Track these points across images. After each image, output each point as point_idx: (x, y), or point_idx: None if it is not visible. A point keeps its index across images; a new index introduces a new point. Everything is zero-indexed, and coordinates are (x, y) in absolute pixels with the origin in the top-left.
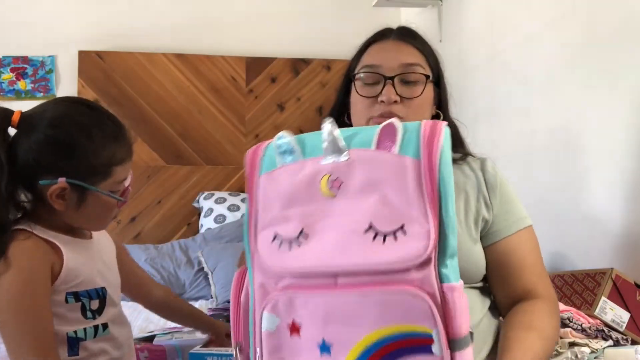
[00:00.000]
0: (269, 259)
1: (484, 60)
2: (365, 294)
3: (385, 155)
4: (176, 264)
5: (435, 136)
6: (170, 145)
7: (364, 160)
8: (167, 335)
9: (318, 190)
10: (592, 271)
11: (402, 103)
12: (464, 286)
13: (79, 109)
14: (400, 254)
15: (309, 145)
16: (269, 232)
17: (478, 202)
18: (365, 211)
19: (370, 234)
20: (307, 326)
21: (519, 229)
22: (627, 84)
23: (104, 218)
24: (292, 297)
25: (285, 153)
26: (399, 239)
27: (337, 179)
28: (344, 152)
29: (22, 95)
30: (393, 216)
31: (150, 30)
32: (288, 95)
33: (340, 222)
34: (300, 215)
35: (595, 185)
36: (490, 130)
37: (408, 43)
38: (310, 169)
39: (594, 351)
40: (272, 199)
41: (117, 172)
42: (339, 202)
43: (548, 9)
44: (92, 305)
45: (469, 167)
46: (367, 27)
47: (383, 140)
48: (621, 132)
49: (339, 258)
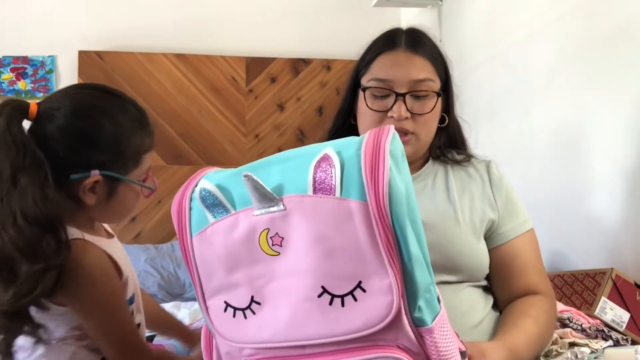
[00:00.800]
0: (226, 330)
1: (484, 60)
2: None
3: (325, 201)
4: (176, 264)
5: (379, 164)
6: (170, 145)
7: (302, 210)
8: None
9: (259, 250)
10: (592, 271)
11: (413, 118)
12: (469, 285)
13: (100, 96)
14: (364, 318)
15: (236, 194)
16: (218, 300)
17: (483, 202)
18: (313, 273)
19: (325, 298)
20: None
21: (522, 232)
22: (627, 83)
23: (130, 208)
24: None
25: (212, 206)
26: (358, 300)
27: (277, 235)
28: (277, 202)
29: (22, 95)
30: (347, 274)
31: (150, 30)
32: (288, 95)
33: (290, 289)
34: (246, 280)
35: (595, 185)
36: (490, 130)
37: (418, 54)
38: (244, 225)
39: (594, 351)
40: (212, 264)
41: (146, 160)
42: (283, 263)
43: (548, 9)
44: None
45: (474, 168)
46: (367, 27)
47: (320, 182)
48: (621, 132)
49: (299, 332)
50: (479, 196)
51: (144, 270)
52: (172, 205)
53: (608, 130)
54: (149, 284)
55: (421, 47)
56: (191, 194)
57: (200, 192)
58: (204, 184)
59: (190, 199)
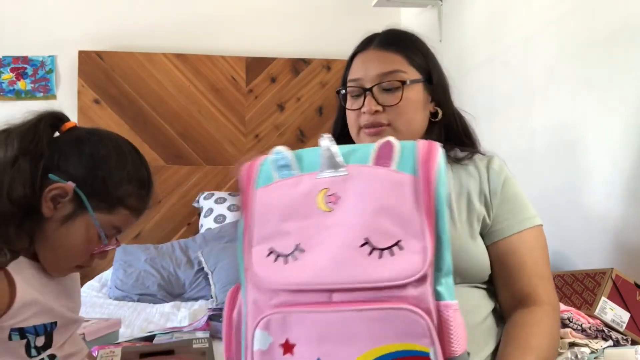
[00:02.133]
0: (263, 273)
1: (484, 60)
2: (362, 311)
3: (382, 171)
4: (176, 264)
5: (431, 155)
6: (170, 145)
7: (361, 175)
8: (167, 335)
9: (315, 205)
10: (592, 271)
11: (386, 111)
12: (469, 285)
13: (126, 143)
14: (396, 270)
15: (307, 161)
16: (263, 247)
17: (480, 201)
18: (361, 226)
19: (366, 249)
20: (301, 345)
21: (522, 229)
22: (627, 83)
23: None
24: (286, 315)
25: (282, 167)
26: (395, 255)
27: (334, 194)
28: (342, 168)
29: (22, 95)
30: (390, 231)
31: (150, 30)
32: (288, 95)
33: (336, 237)
34: (297, 229)
35: (595, 185)
36: (490, 130)
37: (388, 50)
38: (307, 184)
39: (594, 351)
40: (267, 214)
41: (121, 214)
42: (335, 217)
43: (548, 9)
44: (38, 342)
45: (474, 165)
46: (367, 27)
47: (380, 157)
48: (621, 131)
49: (334, 274)
50: (476, 194)
51: (144, 270)
52: (242, 167)
53: (608, 130)
54: (149, 284)
55: (393, 43)
56: (262, 160)
57: (275, 154)
58: (279, 149)
59: (261, 164)
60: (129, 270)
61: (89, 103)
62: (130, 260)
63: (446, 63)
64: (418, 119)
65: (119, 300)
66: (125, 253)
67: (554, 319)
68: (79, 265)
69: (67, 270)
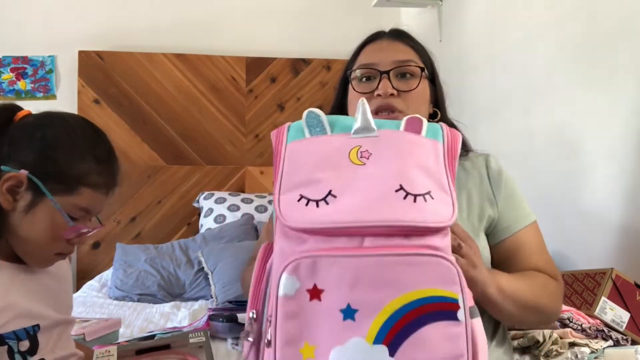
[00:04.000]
0: (293, 215)
1: (484, 60)
2: (394, 256)
3: (413, 135)
4: (176, 264)
5: (454, 134)
6: (170, 145)
7: (393, 136)
8: (167, 335)
9: (347, 159)
10: (592, 271)
11: (400, 96)
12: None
13: (79, 121)
14: (430, 213)
15: (338, 125)
16: (294, 193)
17: (481, 198)
18: (395, 175)
19: (401, 193)
20: (331, 291)
21: (525, 225)
22: (626, 83)
23: (45, 242)
24: (316, 260)
25: (313, 126)
26: (427, 201)
27: (367, 151)
28: (374, 130)
29: (22, 95)
30: (422, 182)
31: (150, 30)
32: (288, 95)
33: (370, 184)
34: (329, 177)
35: (595, 185)
36: (490, 130)
37: (401, 41)
38: (340, 141)
39: (594, 351)
40: (299, 164)
41: (84, 194)
42: (368, 169)
43: (548, 9)
44: (21, 347)
45: (471, 162)
46: (367, 27)
47: (410, 127)
48: (621, 131)
49: (368, 214)
50: (477, 193)
51: (143, 270)
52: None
53: (608, 130)
54: (149, 283)
55: (404, 37)
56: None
57: (306, 114)
58: (312, 110)
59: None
60: (129, 270)
61: (88, 103)
62: (130, 260)
63: (446, 63)
64: (424, 112)
65: (119, 300)
66: (125, 253)
67: (559, 287)
68: (59, 253)
69: (48, 260)
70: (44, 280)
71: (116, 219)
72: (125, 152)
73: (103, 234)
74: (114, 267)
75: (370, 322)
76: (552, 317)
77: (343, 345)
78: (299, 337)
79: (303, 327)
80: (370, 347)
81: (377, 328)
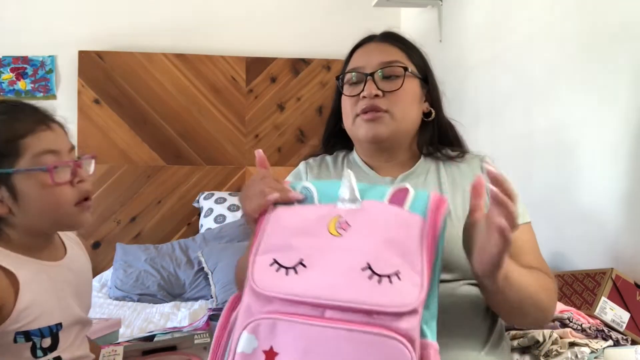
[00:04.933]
0: (262, 279)
1: (484, 60)
2: (352, 332)
3: (395, 208)
4: (176, 264)
5: (441, 204)
6: (170, 145)
7: (375, 209)
8: (167, 335)
9: (325, 229)
10: (592, 271)
11: (385, 97)
12: (465, 283)
13: None
14: (393, 297)
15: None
16: (268, 256)
17: None
18: (365, 251)
19: (366, 273)
20: (284, 355)
21: (519, 224)
22: (626, 84)
23: (48, 201)
24: (276, 322)
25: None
26: (393, 283)
27: (346, 222)
28: (358, 201)
29: (22, 95)
30: (391, 261)
31: (150, 30)
32: (288, 95)
33: (339, 259)
34: (303, 246)
35: (595, 185)
36: (490, 130)
37: (390, 43)
38: (325, 210)
39: (594, 351)
40: (281, 226)
41: (30, 144)
42: (342, 241)
43: (548, 9)
44: (44, 344)
45: (467, 164)
46: (367, 27)
47: (395, 198)
48: (621, 131)
49: (331, 291)
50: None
51: (143, 270)
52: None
53: (608, 130)
54: (149, 283)
55: (393, 38)
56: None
57: (301, 188)
58: (306, 184)
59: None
60: (129, 270)
61: (89, 103)
62: (130, 260)
63: (446, 63)
64: (414, 111)
65: (119, 300)
66: (125, 253)
67: (556, 288)
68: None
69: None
70: (68, 276)
71: (116, 219)
72: (125, 152)
73: (103, 234)
74: (114, 267)
75: None
76: (548, 316)
77: None
78: None
79: None
80: None
81: None
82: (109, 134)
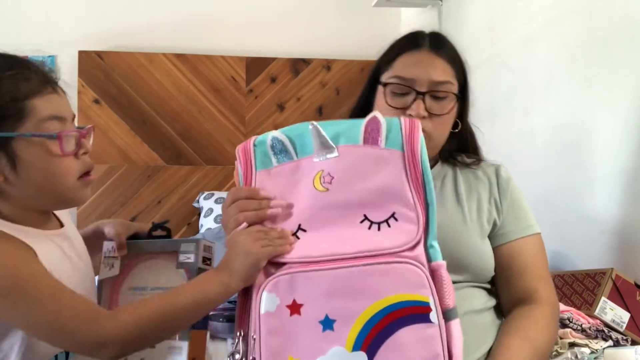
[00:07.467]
0: None
1: (484, 60)
2: (366, 266)
3: (372, 149)
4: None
5: (414, 129)
6: (170, 145)
7: (353, 155)
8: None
9: (312, 187)
10: (592, 271)
11: (429, 118)
12: (474, 285)
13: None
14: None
15: (299, 145)
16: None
17: (490, 204)
18: (358, 204)
19: (365, 224)
20: (309, 304)
21: (524, 235)
22: (627, 83)
23: (58, 172)
24: (294, 276)
25: (279, 152)
26: (392, 226)
27: (329, 174)
28: (334, 150)
29: None
30: (384, 205)
31: (150, 30)
32: (288, 95)
33: (335, 216)
34: (296, 211)
35: (595, 185)
36: (491, 130)
37: (440, 56)
38: (304, 168)
39: (594, 351)
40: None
41: (36, 106)
42: (331, 196)
43: (548, 9)
44: None
45: (482, 171)
46: (367, 27)
47: (369, 135)
48: (621, 131)
49: (339, 248)
50: (486, 198)
51: None
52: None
53: (608, 130)
54: None
55: (443, 49)
56: (254, 141)
57: (271, 140)
58: (274, 134)
59: (254, 144)
60: None
61: (88, 103)
62: None
63: None
64: (449, 131)
65: None
66: None
67: (553, 318)
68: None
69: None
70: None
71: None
72: (125, 152)
73: None
74: None
75: (348, 330)
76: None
77: (325, 355)
78: (282, 352)
79: (285, 342)
80: (350, 354)
81: (355, 336)
82: (108, 134)
